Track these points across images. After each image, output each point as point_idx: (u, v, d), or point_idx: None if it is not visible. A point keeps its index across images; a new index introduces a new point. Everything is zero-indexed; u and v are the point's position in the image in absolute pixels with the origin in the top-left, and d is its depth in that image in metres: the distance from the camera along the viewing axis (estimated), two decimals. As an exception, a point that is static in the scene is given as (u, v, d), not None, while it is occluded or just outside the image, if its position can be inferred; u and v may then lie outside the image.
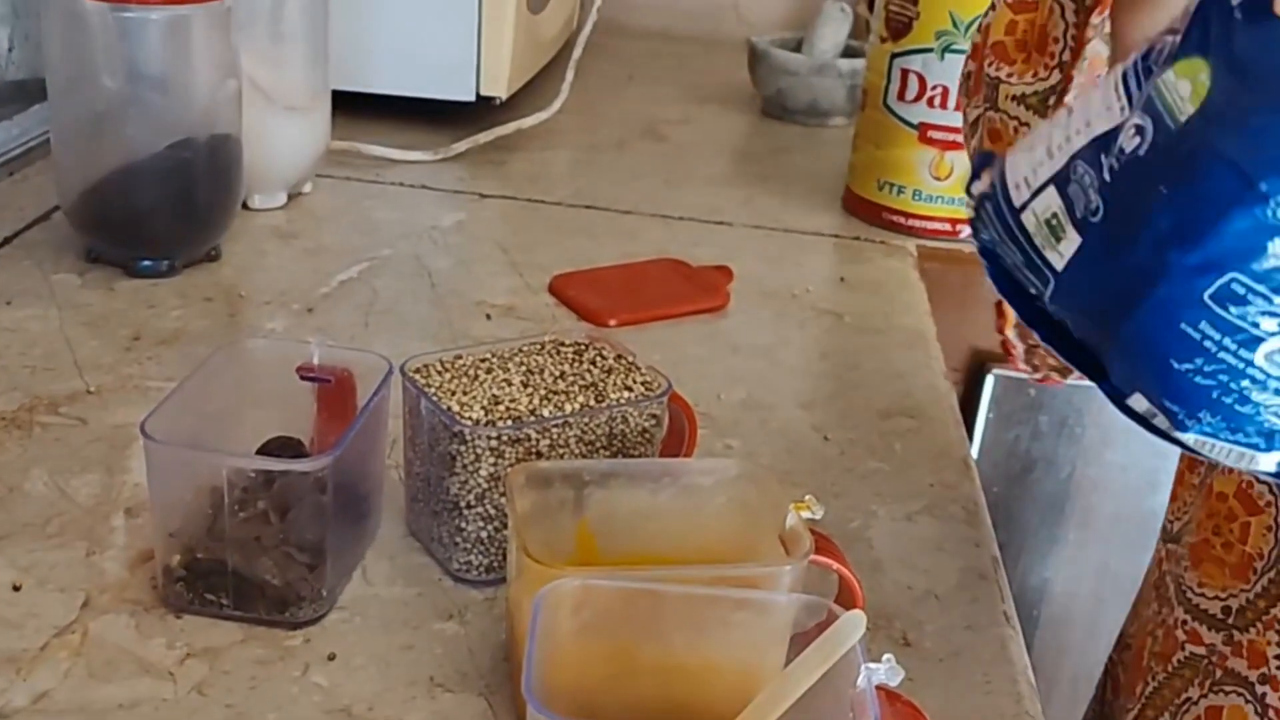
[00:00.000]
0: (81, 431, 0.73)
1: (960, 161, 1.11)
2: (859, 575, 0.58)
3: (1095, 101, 0.38)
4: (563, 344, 0.68)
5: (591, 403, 0.63)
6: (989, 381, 1.17)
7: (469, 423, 0.60)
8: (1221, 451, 0.36)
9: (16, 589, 0.61)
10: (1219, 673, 0.61)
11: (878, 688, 0.47)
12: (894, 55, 1.11)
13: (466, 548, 0.62)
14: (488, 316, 0.91)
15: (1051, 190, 0.39)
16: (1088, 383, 0.41)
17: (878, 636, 0.63)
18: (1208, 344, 0.34)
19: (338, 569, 0.61)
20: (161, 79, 0.90)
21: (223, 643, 0.58)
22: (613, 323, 0.91)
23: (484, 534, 0.62)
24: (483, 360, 0.65)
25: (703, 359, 0.89)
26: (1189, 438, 0.36)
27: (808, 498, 0.58)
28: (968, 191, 0.43)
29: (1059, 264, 0.38)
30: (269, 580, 0.59)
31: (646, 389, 0.65)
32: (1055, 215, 0.38)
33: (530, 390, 0.63)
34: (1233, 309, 0.34)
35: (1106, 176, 0.37)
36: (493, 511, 0.62)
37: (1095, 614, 1.27)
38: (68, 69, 0.90)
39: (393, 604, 0.62)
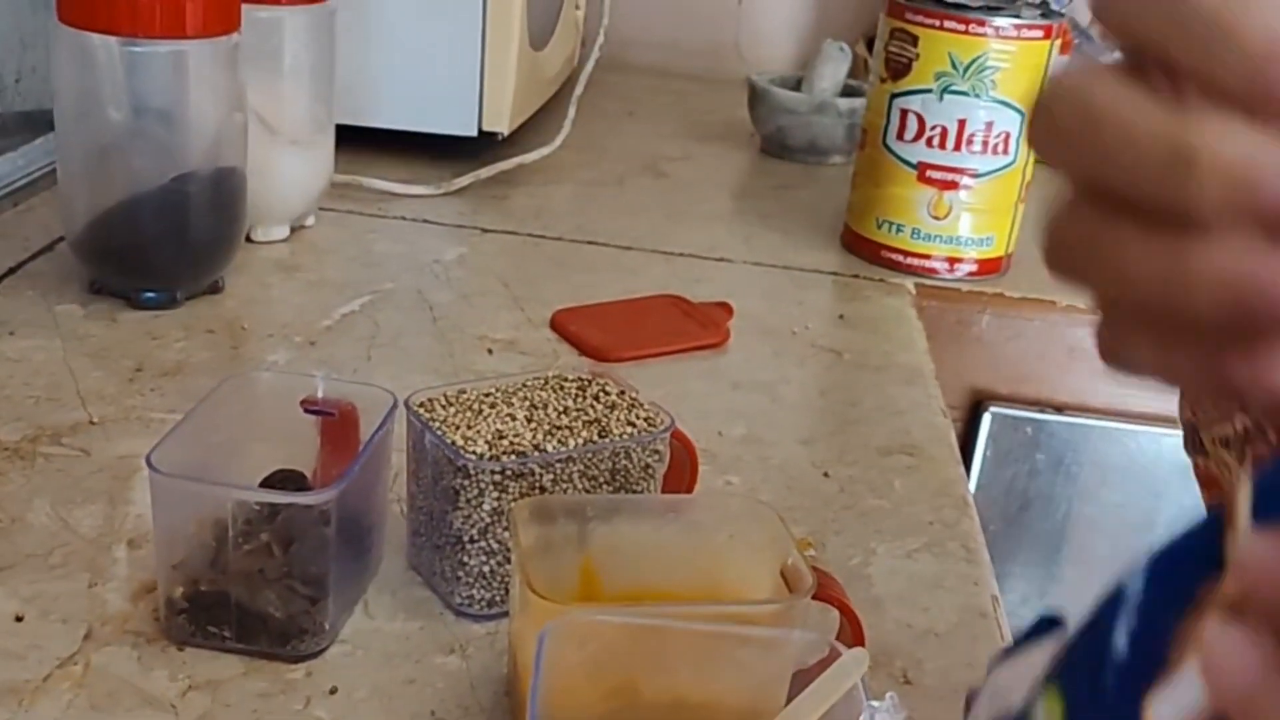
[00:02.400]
0: (84, 462, 0.74)
1: (957, 200, 1.11)
2: (860, 612, 0.58)
3: None
4: (566, 379, 0.68)
5: (595, 438, 0.63)
6: (986, 419, 1.18)
7: (473, 457, 0.60)
8: None
9: (19, 619, 0.61)
10: None
11: (881, 725, 0.47)
12: (893, 95, 1.12)
13: (469, 582, 0.63)
14: (489, 351, 0.92)
15: None
16: (1085, 420, 0.41)
17: (878, 674, 0.63)
18: None
19: (340, 602, 0.61)
20: (167, 112, 0.90)
21: (225, 675, 0.58)
22: (614, 358, 0.91)
23: (486, 568, 0.62)
24: (486, 395, 0.66)
25: (703, 395, 0.89)
26: None
27: (808, 537, 0.58)
28: None
29: None
30: (271, 613, 0.59)
31: (649, 425, 0.65)
32: None
33: (534, 425, 0.64)
34: None
35: None
36: (495, 546, 0.62)
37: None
38: (75, 101, 0.90)
39: (394, 638, 0.62)
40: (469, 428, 0.63)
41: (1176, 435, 0.69)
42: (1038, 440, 1.19)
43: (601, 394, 0.67)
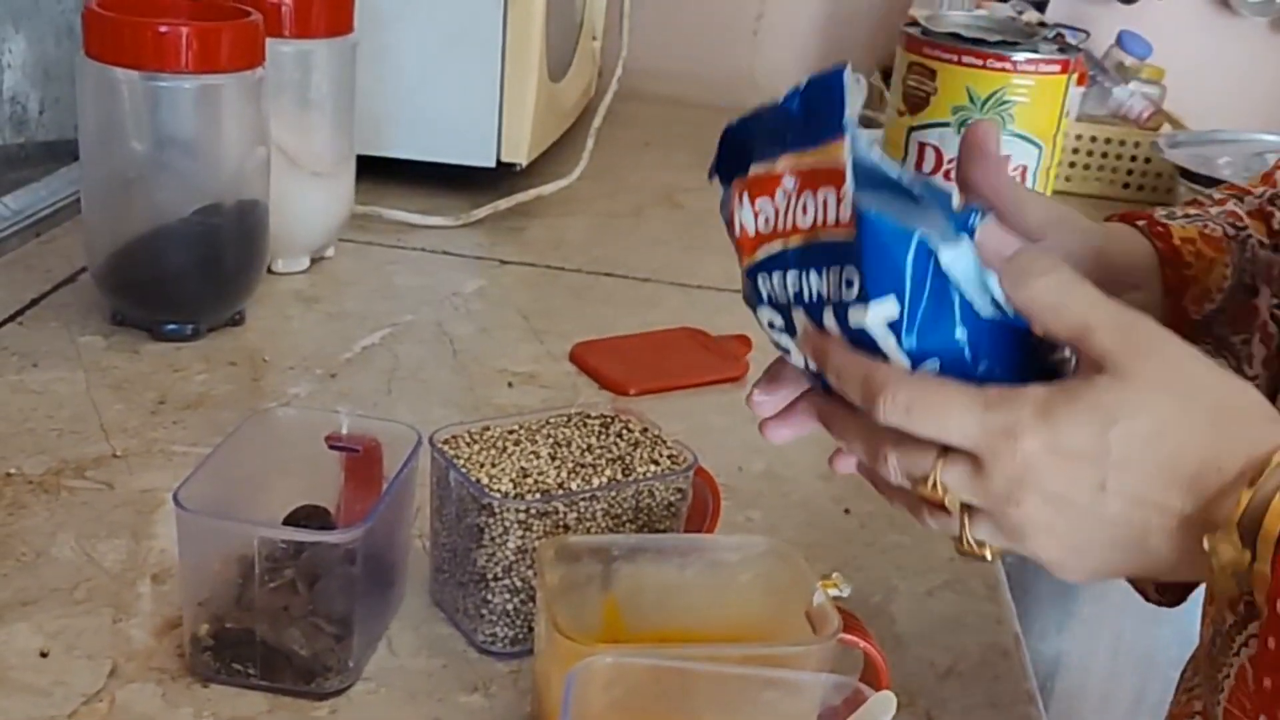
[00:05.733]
0: (108, 496, 0.74)
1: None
2: (883, 652, 0.58)
3: None
4: (589, 416, 0.68)
5: (619, 476, 0.63)
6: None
7: (498, 495, 0.61)
8: None
9: (44, 655, 0.61)
10: None
11: (908, 771, 0.47)
12: (911, 129, 1.12)
13: (492, 620, 0.63)
14: (510, 384, 0.92)
15: None
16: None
17: (902, 714, 0.62)
18: None
19: (364, 639, 0.62)
20: (191, 145, 0.91)
21: (249, 713, 0.59)
22: (633, 392, 0.92)
23: (510, 606, 0.62)
24: (511, 432, 0.66)
25: (723, 429, 0.89)
26: None
27: (835, 575, 0.58)
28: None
29: None
30: (297, 650, 0.59)
31: (673, 463, 0.65)
32: None
33: (558, 463, 0.64)
34: None
35: None
36: (519, 584, 0.62)
37: (1109, 686, 1.26)
38: (99, 134, 0.91)
39: (418, 675, 0.62)
40: (493, 465, 0.63)
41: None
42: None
43: (625, 431, 0.67)
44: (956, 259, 0.47)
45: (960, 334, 0.47)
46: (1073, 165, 1.54)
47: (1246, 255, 0.65)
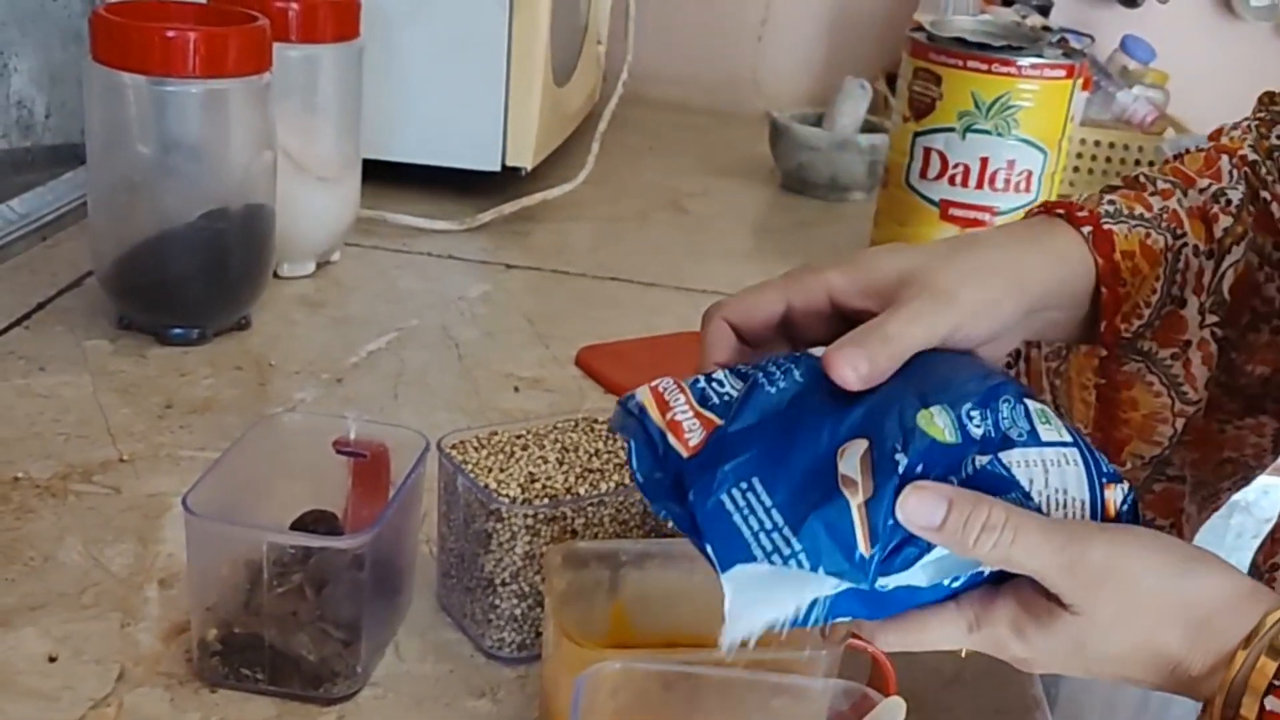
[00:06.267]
0: (115, 500, 0.74)
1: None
2: (891, 657, 0.58)
3: None
4: (596, 421, 0.68)
5: (626, 481, 0.63)
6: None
7: (506, 500, 0.61)
8: None
9: (52, 660, 0.61)
10: None
11: (917, 777, 0.47)
12: (916, 134, 1.13)
13: (500, 625, 0.63)
14: (515, 389, 0.92)
15: None
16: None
17: (908, 720, 0.63)
18: None
19: (372, 644, 0.62)
20: (197, 150, 0.91)
21: (257, 718, 0.59)
22: (639, 396, 0.92)
23: (518, 611, 0.63)
24: (518, 437, 0.66)
25: (728, 434, 0.89)
26: None
27: (842, 581, 0.58)
28: None
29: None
30: (305, 656, 0.59)
31: (680, 468, 0.65)
32: None
33: (566, 468, 0.64)
34: None
35: None
36: (527, 589, 0.62)
37: (1113, 692, 1.26)
38: (106, 138, 0.91)
39: (425, 681, 0.62)
40: (501, 470, 0.63)
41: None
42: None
43: (632, 436, 0.67)
44: (874, 583, 0.47)
45: (920, 593, 0.48)
46: (1076, 170, 1.54)
47: (1179, 265, 0.63)
